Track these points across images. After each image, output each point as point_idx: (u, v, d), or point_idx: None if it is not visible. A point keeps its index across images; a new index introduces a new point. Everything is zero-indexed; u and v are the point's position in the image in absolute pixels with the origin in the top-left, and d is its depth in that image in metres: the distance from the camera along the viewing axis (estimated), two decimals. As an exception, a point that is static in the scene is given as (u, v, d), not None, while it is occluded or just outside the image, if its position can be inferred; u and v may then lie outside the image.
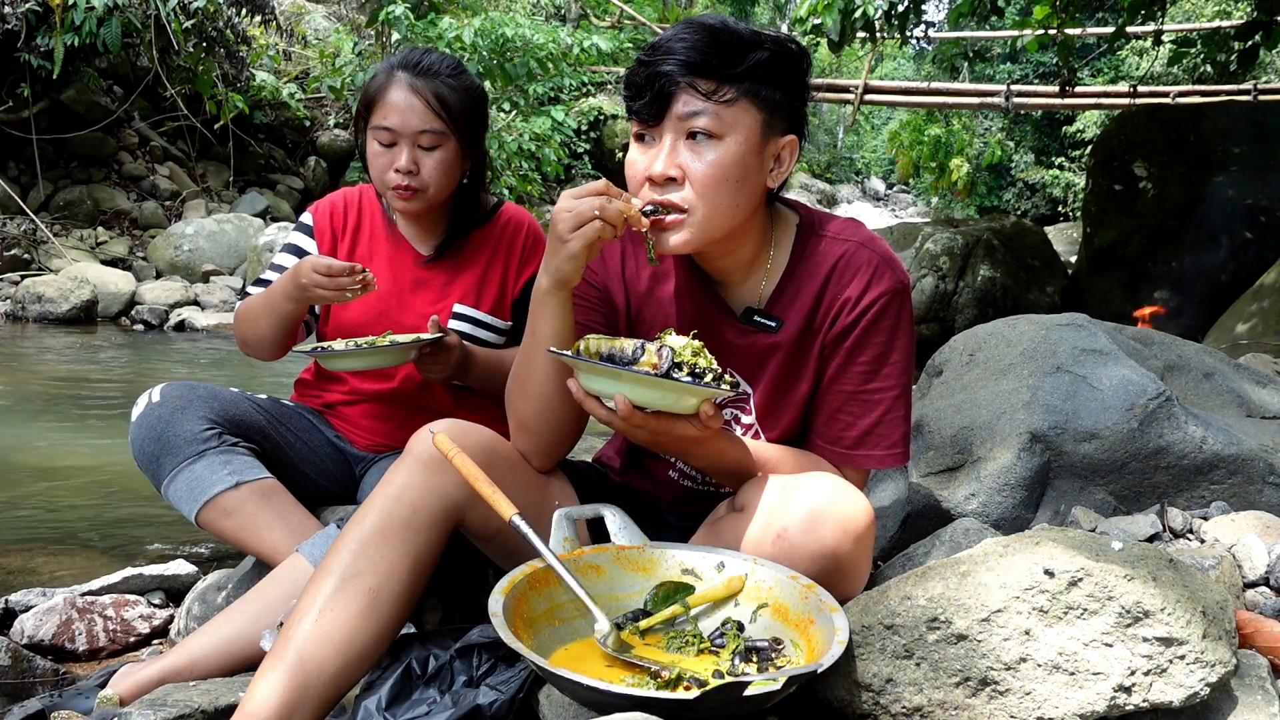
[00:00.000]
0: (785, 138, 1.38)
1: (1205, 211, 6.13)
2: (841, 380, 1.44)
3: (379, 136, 1.90)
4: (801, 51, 1.38)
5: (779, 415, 1.49)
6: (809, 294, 1.44)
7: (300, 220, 2.10)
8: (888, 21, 5.83)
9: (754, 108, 1.33)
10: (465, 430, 1.36)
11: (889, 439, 1.45)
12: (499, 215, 2.09)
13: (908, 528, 1.93)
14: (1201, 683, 1.05)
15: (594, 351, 1.25)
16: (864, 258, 1.43)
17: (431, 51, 1.97)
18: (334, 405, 2.06)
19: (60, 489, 2.99)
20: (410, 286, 2.03)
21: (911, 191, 24.43)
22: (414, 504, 1.28)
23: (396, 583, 1.25)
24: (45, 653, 1.77)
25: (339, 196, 2.12)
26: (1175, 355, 2.20)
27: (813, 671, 1.05)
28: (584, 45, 9.66)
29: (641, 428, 1.24)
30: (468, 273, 2.04)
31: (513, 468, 1.41)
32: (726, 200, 1.34)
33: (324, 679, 1.19)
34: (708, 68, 1.31)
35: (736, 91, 1.31)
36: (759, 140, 1.34)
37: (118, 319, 7.06)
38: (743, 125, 1.32)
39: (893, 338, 1.43)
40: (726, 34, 1.32)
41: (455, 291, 2.03)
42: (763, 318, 1.45)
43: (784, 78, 1.35)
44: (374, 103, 1.91)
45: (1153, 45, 8.14)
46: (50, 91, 8.15)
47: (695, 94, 1.31)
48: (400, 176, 1.89)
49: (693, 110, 1.31)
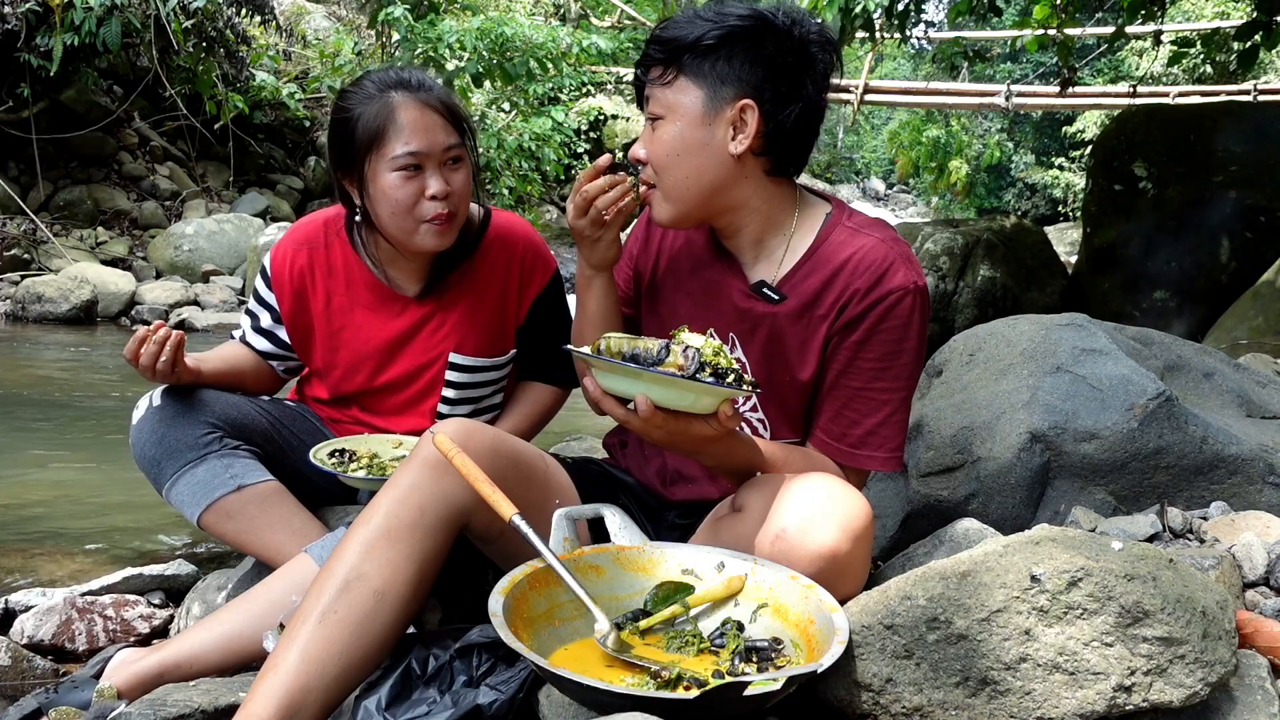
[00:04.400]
0: (737, 103, 1.42)
1: (1205, 211, 6.12)
2: (849, 375, 1.46)
3: (401, 165, 1.72)
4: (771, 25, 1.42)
5: (773, 389, 1.52)
6: (819, 277, 1.47)
7: (262, 266, 1.96)
8: (888, 19, 5.82)
9: (693, 84, 1.42)
10: (469, 430, 1.35)
11: (891, 443, 1.47)
12: (489, 232, 1.94)
13: (908, 528, 1.93)
14: (1201, 683, 1.05)
15: (615, 351, 1.25)
16: (881, 253, 1.45)
17: (405, 68, 1.84)
18: (338, 421, 2.05)
19: (60, 489, 2.99)
20: (400, 336, 1.92)
21: (911, 192, 24.41)
22: (421, 506, 1.28)
23: (402, 585, 1.24)
24: (45, 653, 1.77)
25: (301, 240, 1.93)
26: (1175, 355, 2.20)
27: (813, 671, 1.05)
28: (584, 45, 9.65)
29: (660, 428, 1.25)
30: (460, 308, 1.92)
31: (516, 467, 1.41)
32: (680, 171, 1.45)
33: (326, 681, 1.19)
34: (653, 56, 1.45)
35: (675, 73, 1.43)
36: (700, 113, 1.42)
37: (118, 319, 7.06)
38: (684, 103, 1.43)
39: (903, 337, 1.44)
40: (685, 18, 1.43)
41: (450, 335, 1.92)
42: (770, 290, 1.50)
43: (740, 49, 1.41)
44: (383, 133, 1.72)
45: (1153, 45, 8.14)
46: (50, 91, 8.14)
47: (649, 83, 1.46)
48: (438, 205, 1.73)
49: (646, 95, 1.47)
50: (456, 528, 1.32)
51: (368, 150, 1.74)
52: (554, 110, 11.24)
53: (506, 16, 9.36)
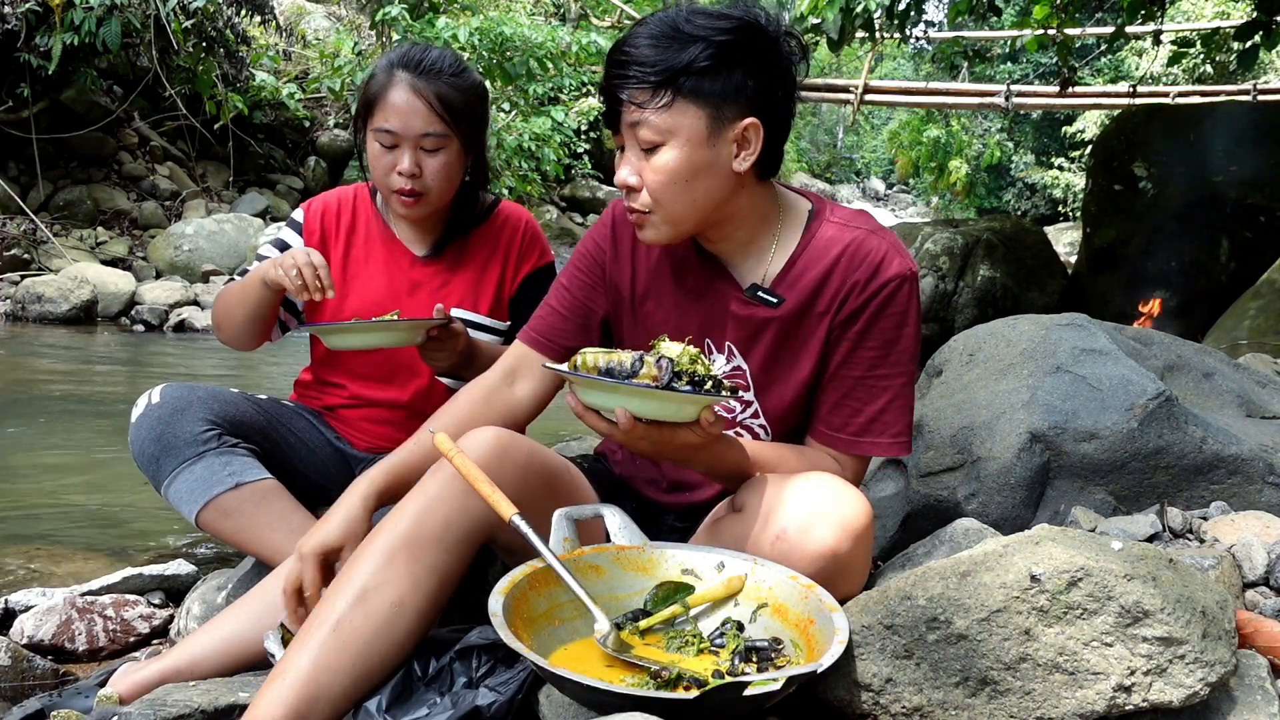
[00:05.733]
0: (743, 121, 1.37)
1: (1205, 211, 6.12)
2: (849, 365, 1.46)
3: (380, 139, 1.87)
4: (760, 31, 1.36)
5: (777, 393, 1.51)
6: (814, 275, 1.46)
7: (291, 217, 2.07)
8: (888, 19, 5.82)
9: (694, 105, 1.34)
10: (506, 447, 1.34)
11: (894, 427, 1.46)
12: (496, 213, 2.07)
13: (908, 528, 1.93)
14: (1201, 683, 1.05)
15: (592, 366, 1.24)
16: (874, 244, 1.45)
17: (432, 49, 1.93)
18: (334, 408, 2.06)
19: (60, 489, 2.99)
20: (406, 289, 2.02)
21: (911, 192, 24.43)
22: (447, 519, 1.26)
23: (421, 598, 1.22)
24: (45, 653, 1.77)
25: (333, 196, 2.09)
26: (1175, 355, 2.20)
27: (813, 671, 1.05)
28: (583, 44, 9.65)
29: (644, 439, 1.24)
30: (464, 274, 2.03)
31: (521, 467, 1.39)
32: (682, 197, 1.38)
33: (335, 691, 1.17)
34: (641, 76, 1.33)
35: (672, 94, 1.33)
36: (705, 135, 1.35)
37: (117, 319, 7.06)
38: (683, 126, 1.34)
39: (901, 324, 1.44)
40: (664, 34, 1.33)
41: (452, 294, 2.01)
42: (766, 294, 1.48)
43: (737, 64, 1.34)
44: (375, 103, 1.88)
45: (1153, 45, 8.14)
46: (50, 91, 8.14)
47: (634, 107, 1.35)
48: (403, 180, 1.87)
49: (634, 120, 1.36)
50: (480, 543, 1.31)
51: (364, 115, 1.92)
52: (554, 110, 11.23)
53: (506, 16, 9.36)
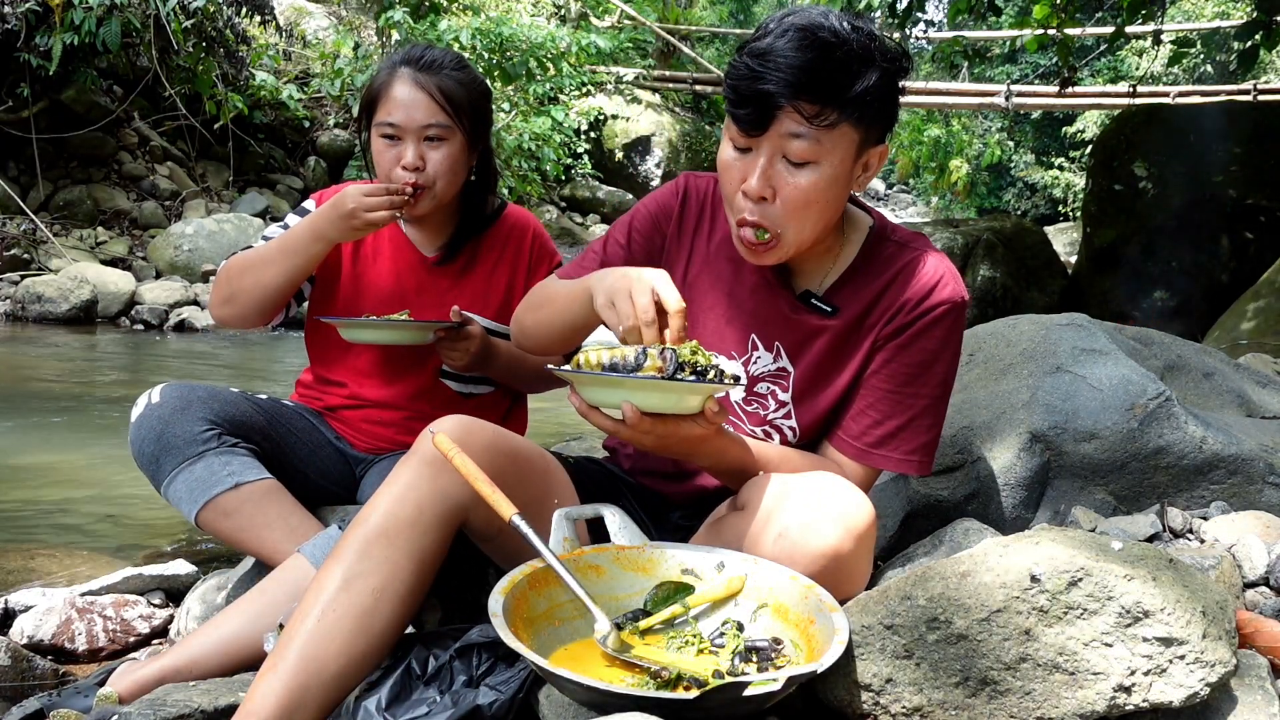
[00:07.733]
0: (878, 147, 1.38)
1: (1205, 211, 6.12)
2: (881, 377, 1.46)
3: (383, 133, 1.89)
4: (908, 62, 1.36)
5: (814, 399, 1.51)
6: (872, 290, 1.47)
7: (301, 205, 2.07)
8: (889, 17, 5.83)
9: (854, 129, 1.33)
10: (469, 428, 1.35)
11: (910, 444, 1.46)
12: (504, 218, 2.08)
13: (908, 528, 1.93)
14: (1201, 683, 1.04)
15: (594, 364, 1.25)
16: (931, 266, 1.46)
17: (433, 48, 1.96)
18: (335, 409, 2.06)
19: (60, 489, 2.99)
20: (415, 290, 2.02)
21: (911, 191, 24.42)
22: (419, 504, 1.28)
23: (400, 583, 1.24)
24: (45, 653, 1.77)
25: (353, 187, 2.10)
26: (1175, 355, 2.20)
27: (813, 671, 1.05)
28: (583, 45, 9.66)
29: (649, 433, 1.24)
30: (473, 277, 2.04)
31: (515, 464, 1.40)
32: (814, 220, 1.37)
33: (325, 679, 1.19)
34: (814, 91, 1.28)
35: (840, 115, 1.30)
36: (853, 159, 1.35)
37: (117, 319, 7.05)
38: (840, 148, 1.33)
39: (941, 348, 1.45)
40: (840, 53, 1.28)
41: (461, 297, 2.02)
42: (820, 302, 1.49)
43: (894, 94, 1.35)
44: (377, 99, 1.91)
45: (1152, 45, 8.14)
46: (50, 91, 8.13)
47: (798, 118, 1.29)
48: (407, 173, 1.88)
49: (793, 133, 1.30)
50: (455, 525, 1.32)
51: (368, 114, 1.94)
52: (554, 110, 11.23)
53: (506, 16, 9.36)
